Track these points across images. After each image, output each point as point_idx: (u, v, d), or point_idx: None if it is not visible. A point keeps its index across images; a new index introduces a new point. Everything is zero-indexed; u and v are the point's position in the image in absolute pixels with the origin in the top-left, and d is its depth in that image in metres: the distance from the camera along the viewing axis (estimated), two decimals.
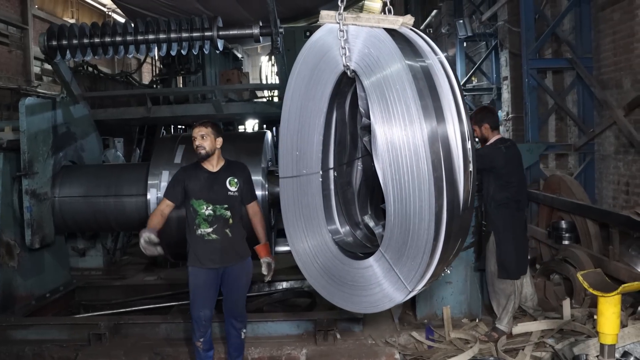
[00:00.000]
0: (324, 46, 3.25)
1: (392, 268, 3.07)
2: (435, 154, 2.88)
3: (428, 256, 2.94)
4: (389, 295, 3.13)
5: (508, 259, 5.74)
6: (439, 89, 3.07)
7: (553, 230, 7.66)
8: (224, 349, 5.24)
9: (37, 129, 6.54)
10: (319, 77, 3.30)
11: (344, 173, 3.64)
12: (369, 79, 3.06)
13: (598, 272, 4.05)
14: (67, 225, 7.04)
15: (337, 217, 3.54)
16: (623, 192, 8.26)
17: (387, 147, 2.98)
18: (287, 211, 3.54)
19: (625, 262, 6.18)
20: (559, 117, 10.06)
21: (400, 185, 2.96)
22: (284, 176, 3.54)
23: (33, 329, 5.88)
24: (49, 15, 19.79)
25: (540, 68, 9.77)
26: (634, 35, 7.87)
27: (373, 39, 3.06)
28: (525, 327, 5.83)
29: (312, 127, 3.41)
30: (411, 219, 2.95)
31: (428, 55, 3.17)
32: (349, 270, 3.29)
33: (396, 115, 2.94)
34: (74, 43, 7.03)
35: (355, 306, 3.33)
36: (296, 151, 3.47)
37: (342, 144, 3.57)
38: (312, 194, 3.45)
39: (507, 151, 5.76)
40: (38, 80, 17.71)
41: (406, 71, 2.90)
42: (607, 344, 3.75)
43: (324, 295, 3.43)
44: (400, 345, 5.77)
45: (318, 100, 3.35)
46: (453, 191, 3.00)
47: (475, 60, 15.86)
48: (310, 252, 3.46)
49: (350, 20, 3.09)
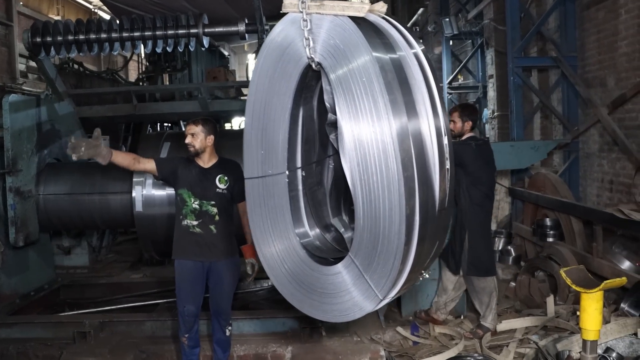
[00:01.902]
0: (287, 37, 3.04)
1: (362, 275, 2.88)
2: (405, 151, 2.69)
3: (399, 262, 2.75)
4: (359, 304, 2.94)
5: (484, 257, 5.85)
6: (412, 83, 2.89)
7: (537, 227, 7.72)
8: (210, 347, 5.24)
9: (21, 126, 6.50)
10: (283, 71, 3.10)
11: (314, 172, 3.46)
12: (334, 72, 2.86)
13: (581, 268, 4.09)
14: (52, 223, 7.00)
15: (306, 219, 3.36)
16: (607, 190, 8.32)
17: (355, 145, 2.79)
18: (253, 214, 3.34)
19: (608, 259, 6.24)
20: (544, 115, 10.11)
21: (369, 185, 2.76)
22: (249, 177, 3.35)
23: (17, 327, 5.85)
24: (34, 12, 19.62)
25: (526, 66, 9.81)
26: (618, 34, 7.92)
27: (338, 28, 2.86)
28: (509, 324, 5.87)
29: (277, 125, 3.22)
30: (381, 222, 2.75)
31: (401, 47, 2.99)
32: (318, 277, 3.10)
33: (363, 110, 2.76)
34: (58, 40, 6.99)
35: (326, 314, 3.12)
36: (261, 150, 3.28)
37: (310, 141, 3.38)
38: (279, 195, 3.26)
39: (477, 148, 5.88)
40: (23, 77, 17.54)
41: (373, 63, 2.71)
42: (589, 340, 3.79)
43: (293, 303, 3.24)
44: (386, 342, 5.80)
45: (282, 95, 3.15)
46: (427, 191, 2.82)
47: (462, 58, 15.90)
48: (277, 256, 3.27)
49: (314, 9, 2.88)
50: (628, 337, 4.68)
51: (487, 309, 5.90)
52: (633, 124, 7.63)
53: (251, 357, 5.38)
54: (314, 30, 2.90)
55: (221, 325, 5.02)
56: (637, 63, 7.53)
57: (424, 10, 18.64)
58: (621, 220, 5.91)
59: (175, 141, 6.37)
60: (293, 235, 3.24)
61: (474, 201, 5.80)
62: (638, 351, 4.56)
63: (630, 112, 7.71)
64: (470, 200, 5.81)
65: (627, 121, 7.77)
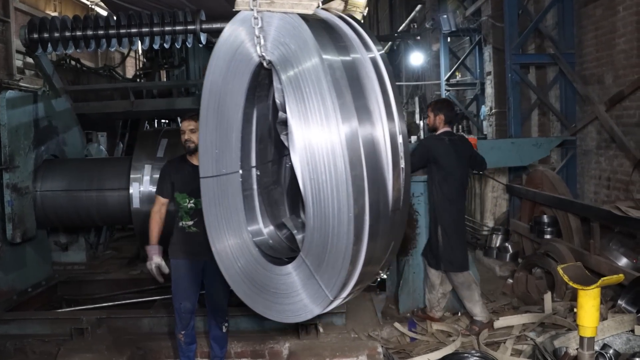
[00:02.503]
0: (240, 35, 2.98)
1: (313, 275, 2.83)
2: (354, 151, 2.64)
3: (348, 262, 2.69)
4: (310, 304, 2.90)
5: (458, 252, 5.93)
6: (365, 84, 2.86)
7: (535, 224, 7.72)
8: (207, 343, 5.24)
9: (18, 123, 6.49)
10: (236, 69, 3.04)
11: (270, 172, 3.40)
12: (284, 71, 2.81)
13: (578, 265, 4.09)
14: (49, 220, 7.00)
15: (260, 218, 3.29)
16: (604, 187, 8.32)
17: (304, 144, 2.73)
18: (208, 213, 3.29)
19: (605, 256, 6.25)
20: (542, 112, 10.11)
21: (318, 185, 2.71)
22: (204, 176, 3.30)
23: (14, 323, 5.85)
24: (31, 8, 19.58)
25: (523, 63, 9.81)
26: (615, 32, 7.92)
27: (288, 26, 2.79)
28: (506, 321, 5.89)
29: (230, 124, 3.16)
30: (330, 222, 2.71)
31: (356, 48, 2.95)
32: (271, 277, 3.05)
33: (312, 111, 2.70)
34: (55, 36, 6.97)
35: (279, 315, 3.06)
36: (215, 149, 3.23)
37: (264, 140, 3.31)
38: (233, 194, 3.21)
39: (450, 143, 5.95)
40: (20, 74, 17.51)
41: (321, 63, 2.65)
42: (586, 337, 3.79)
43: (247, 303, 3.19)
44: (383, 338, 5.80)
45: (235, 94, 3.10)
46: (379, 190, 2.79)
47: (459, 55, 15.89)
48: (230, 253, 3.23)
49: (264, 6, 2.81)
50: (625, 334, 4.69)
51: (471, 303, 5.96)
52: (631, 121, 7.63)
53: (248, 353, 5.38)
54: (266, 28, 2.85)
55: (217, 322, 5.02)
56: (634, 60, 7.54)
57: (421, 7, 18.63)
58: (618, 217, 5.92)
59: (172, 138, 6.36)
60: (246, 233, 3.19)
61: (446, 196, 5.90)
62: (635, 348, 4.56)
63: (628, 109, 7.72)
64: (443, 195, 5.91)
65: (625, 118, 7.78)
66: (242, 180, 3.19)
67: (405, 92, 23.98)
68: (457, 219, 5.98)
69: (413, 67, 21.85)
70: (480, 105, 14.08)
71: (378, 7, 37.44)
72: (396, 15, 29.18)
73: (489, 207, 9.64)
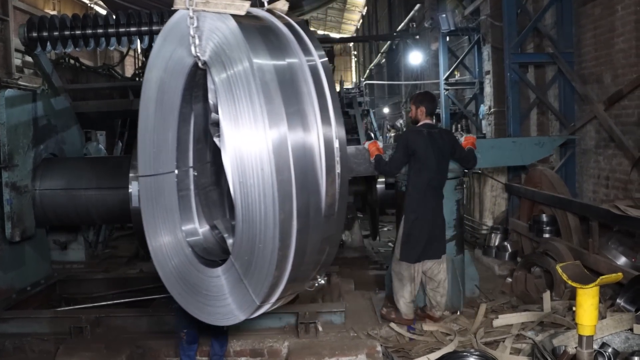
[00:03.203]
0: (177, 34, 2.95)
1: (241, 279, 2.80)
2: (281, 156, 2.61)
3: (274, 267, 2.66)
4: (238, 308, 2.87)
5: (409, 244, 5.94)
6: (300, 88, 2.83)
7: (534, 223, 7.73)
8: (208, 341, 5.24)
9: (17, 121, 6.48)
10: (173, 69, 3.01)
11: (209, 172, 3.37)
12: (217, 72, 2.78)
13: (577, 264, 4.10)
14: (48, 218, 6.99)
15: (196, 219, 3.28)
16: (603, 186, 8.33)
17: (234, 147, 2.70)
18: (145, 213, 3.26)
19: (604, 255, 6.26)
20: (541, 112, 10.11)
21: (247, 189, 2.68)
22: (142, 175, 3.27)
23: (13, 322, 5.84)
24: (30, 7, 19.59)
25: (522, 62, 9.82)
26: (614, 31, 7.93)
27: (222, 27, 2.75)
28: (505, 320, 5.88)
29: (167, 123, 3.12)
30: (257, 226, 2.68)
31: (294, 51, 2.91)
32: (203, 278, 3.02)
33: (241, 114, 2.67)
34: (54, 34, 6.97)
35: (210, 317, 3.03)
36: (153, 148, 3.19)
37: (202, 141, 3.29)
38: (169, 194, 3.18)
39: (429, 136, 5.97)
40: (19, 72, 17.52)
41: (251, 67, 2.63)
42: (585, 335, 3.80)
43: (181, 304, 3.14)
44: (382, 337, 5.80)
45: (172, 93, 3.06)
46: (309, 196, 2.74)
47: (458, 54, 15.91)
48: (166, 253, 3.19)
49: (200, 6, 2.77)
50: (624, 333, 4.69)
51: (398, 296, 6.08)
52: (629, 120, 7.64)
53: (247, 352, 5.38)
54: (201, 27, 2.81)
55: None
56: (633, 59, 7.54)
57: (420, 6, 18.65)
58: (617, 216, 5.92)
59: None
60: (181, 233, 3.17)
61: (416, 188, 5.93)
62: (634, 346, 4.57)
63: (627, 108, 7.72)
64: (413, 187, 5.95)
65: (624, 117, 7.79)
66: (178, 181, 3.17)
67: (405, 91, 24.00)
68: (422, 211, 5.95)
69: (412, 66, 21.89)
70: (479, 104, 14.09)
71: (377, 6, 37.47)
72: (395, 14, 29.21)
73: (487, 206, 9.66)
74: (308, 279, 3.04)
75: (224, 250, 3.18)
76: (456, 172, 6.34)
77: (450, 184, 6.26)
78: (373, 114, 20.20)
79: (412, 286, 6.03)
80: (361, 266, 8.60)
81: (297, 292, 3.05)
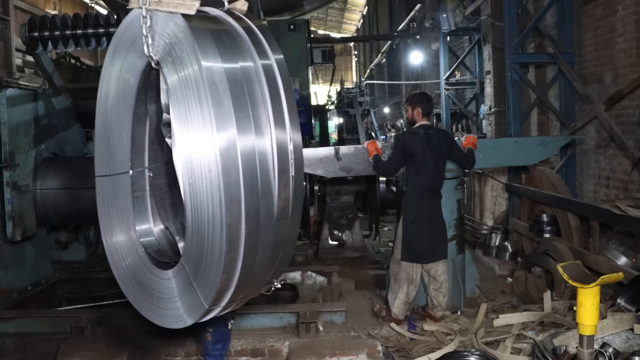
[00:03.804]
0: (132, 34, 2.90)
1: (191, 282, 2.76)
2: (229, 158, 2.58)
3: (221, 270, 2.63)
4: (187, 312, 2.83)
5: (409, 244, 5.98)
6: (254, 91, 2.80)
7: (534, 223, 7.73)
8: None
9: (18, 121, 6.49)
10: (127, 68, 2.98)
11: (165, 173, 3.30)
12: (167, 72, 2.75)
13: (577, 264, 4.10)
14: (49, 218, 6.99)
15: (152, 220, 3.24)
16: (604, 186, 8.34)
17: (184, 149, 2.66)
18: (101, 213, 3.22)
19: (605, 254, 6.26)
20: (541, 112, 10.12)
21: (196, 190, 2.65)
22: (98, 175, 3.20)
23: (14, 322, 5.83)
24: (31, 6, 19.60)
25: (523, 62, 9.83)
26: (615, 31, 7.94)
27: (173, 26, 2.71)
28: (506, 320, 5.89)
29: (121, 123, 3.07)
30: (205, 229, 2.65)
31: (248, 52, 2.87)
32: (155, 280, 2.98)
33: (191, 115, 2.64)
34: (55, 34, 6.97)
35: (163, 320, 2.99)
36: (109, 149, 3.14)
37: (157, 141, 3.22)
38: (123, 194, 3.14)
39: (425, 137, 5.98)
40: (20, 72, 17.53)
41: (200, 69, 2.60)
42: (586, 335, 3.80)
43: (135, 306, 3.14)
44: (383, 337, 5.81)
45: (126, 93, 3.02)
46: (259, 199, 2.71)
47: (459, 54, 15.93)
48: (120, 252, 3.17)
49: (153, 5, 2.72)
50: (624, 333, 4.69)
51: (392, 295, 6.13)
52: (630, 120, 7.65)
53: (248, 351, 5.38)
54: (154, 27, 2.77)
55: (224, 317, 4.97)
56: (634, 59, 7.55)
57: (421, 6, 18.66)
58: (618, 216, 5.93)
59: None
60: (135, 234, 3.14)
61: (415, 190, 5.97)
62: (634, 346, 4.57)
63: (627, 108, 7.73)
64: (412, 188, 5.99)
65: (624, 117, 7.79)
66: (133, 181, 3.13)
67: (405, 91, 24.00)
68: (421, 212, 5.98)
69: (412, 66, 21.90)
70: (479, 104, 14.10)
71: (378, 6, 37.48)
72: (396, 14, 29.21)
73: (488, 206, 9.66)
74: (262, 282, 2.99)
75: (176, 252, 3.13)
76: (456, 172, 6.35)
77: (450, 184, 6.28)
78: (374, 113, 20.21)
79: (409, 288, 6.05)
80: (361, 266, 8.60)
81: (251, 296, 3.00)
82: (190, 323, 2.83)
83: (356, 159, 6.49)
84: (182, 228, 3.16)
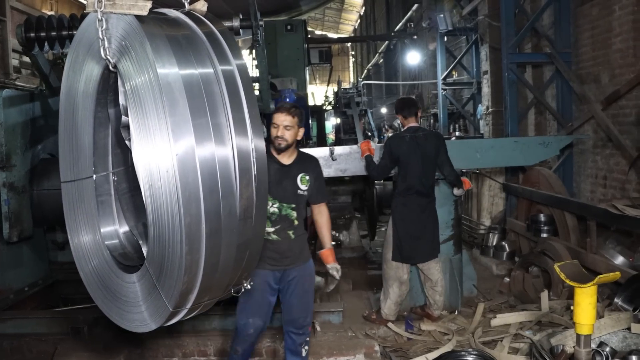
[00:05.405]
0: (91, 36, 2.84)
1: (155, 285, 2.73)
2: (187, 158, 2.56)
3: (183, 272, 2.60)
4: (152, 315, 2.80)
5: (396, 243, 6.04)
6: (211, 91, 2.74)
7: (532, 223, 7.74)
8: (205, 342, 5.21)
9: (14, 122, 6.47)
10: (88, 71, 2.92)
11: (129, 177, 3.22)
12: (124, 76, 2.70)
13: (575, 263, 4.10)
14: (46, 219, 6.97)
15: (118, 224, 3.19)
16: (601, 186, 8.34)
17: (142, 150, 2.63)
18: (68, 218, 3.19)
19: (602, 254, 6.26)
20: (538, 111, 10.13)
21: (155, 192, 2.62)
22: (63, 180, 3.15)
23: (11, 322, 5.83)
24: (28, 7, 19.54)
25: (520, 62, 9.84)
26: (611, 31, 7.95)
27: (129, 29, 2.66)
28: (503, 319, 5.89)
29: (83, 127, 3.02)
30: (166, 231, 2.62)
31: (208, 56, 2.83)
32: (121, 284, 2.95)
33: (147, 116, 2.60)
34: (52, 34, 6.94)
35: (129, 324, 2.95)
36: (72, 153, 3.09)
37: (121, 145, 3.14)
38: (88, 199, 3.09)
39: (411, 140, 5.99)
40: (16, 73, 17.48)
41: (154, 73, 2.56)
42: (583, 334, 3.81)
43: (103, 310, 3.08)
44: (380, 337, 5.81)
45: (87, 97, 2.97)
46: (219, 199, 2.68)
47: (456, 54, 15.93)
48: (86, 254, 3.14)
49: (108, 7, 2.66)
50: (622, 332, 4.69)
51: (384, 296, 6.16)
52: (627, 120, 7.66)
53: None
54: (110, 30, 2.72)
55: (295, 342, 4.51)
56: (630, 59, 7.56)
57: (418, 6, 18.66)
58: (615, 215, 5.93)
59: None
60: (100, 238, 3.11)
61: (402, 193, 6.01)
62: (631, 345, 4.57)
63: (624, 108, 7.74)
64: (399, 191, 6.04)
65: (621, 117, 7.80)
66: (97, 186, 3.10)
67: (402, 91, 24.00)
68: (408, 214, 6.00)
69: (410, 66, 21.88)
70: (476, 104, 14.11)
71: (375, 6, 37.46)
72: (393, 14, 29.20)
73: (485, 206, 9.67)
74: (229, 284, 2.96)
75: (141, 256, 3.08)
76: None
77: (448, 184, 6.28)
78: (371, 114, 20.20)
79: (400, 288, 6.07)
80: (359, 266, 8.61)
81: (219, 298, 2.96)
82: (155, 327, 2.80)
83: (351, 160, 6.52)
84: (144, 231, 3.13)
